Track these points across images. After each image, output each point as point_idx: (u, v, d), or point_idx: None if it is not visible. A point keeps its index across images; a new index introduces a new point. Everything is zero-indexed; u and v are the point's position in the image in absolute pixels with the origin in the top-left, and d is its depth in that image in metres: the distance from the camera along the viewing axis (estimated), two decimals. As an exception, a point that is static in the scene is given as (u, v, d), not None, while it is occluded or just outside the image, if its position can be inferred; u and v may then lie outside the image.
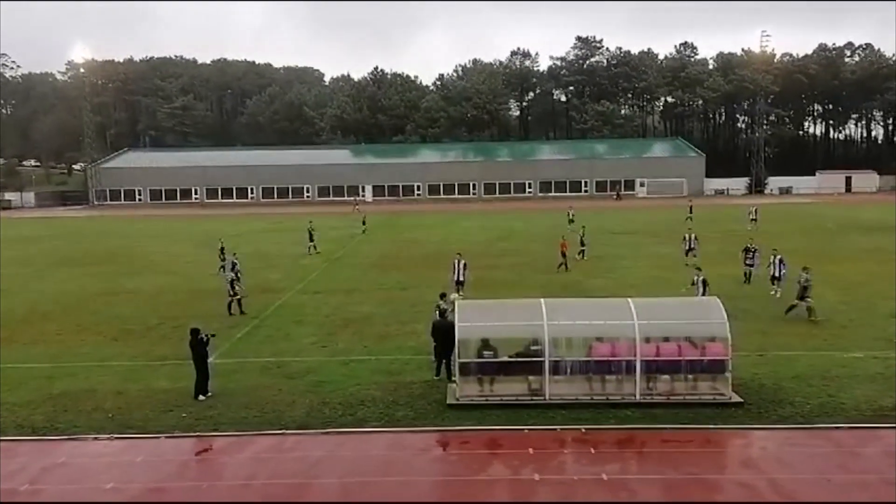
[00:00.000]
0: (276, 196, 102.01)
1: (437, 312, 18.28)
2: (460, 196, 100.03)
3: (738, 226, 50.59)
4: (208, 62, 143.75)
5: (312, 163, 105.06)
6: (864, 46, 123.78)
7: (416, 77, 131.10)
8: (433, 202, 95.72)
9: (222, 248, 36.57)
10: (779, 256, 27.25)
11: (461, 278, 27.51)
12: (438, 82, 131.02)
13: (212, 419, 15.21)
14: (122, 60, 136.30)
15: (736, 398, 15.46)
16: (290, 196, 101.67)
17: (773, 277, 27.22)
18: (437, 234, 53.30)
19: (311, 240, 42.63)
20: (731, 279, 29.67)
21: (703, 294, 22.17)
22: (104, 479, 12.58)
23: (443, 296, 20.04)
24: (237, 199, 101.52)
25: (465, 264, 27.88)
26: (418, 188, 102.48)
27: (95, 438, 14.46)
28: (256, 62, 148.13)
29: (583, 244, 37.01)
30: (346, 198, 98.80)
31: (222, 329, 21.58)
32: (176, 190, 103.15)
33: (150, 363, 19.54)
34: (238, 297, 25.68)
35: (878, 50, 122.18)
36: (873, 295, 26.40)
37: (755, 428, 14.40)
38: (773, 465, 12.74)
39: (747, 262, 30.13)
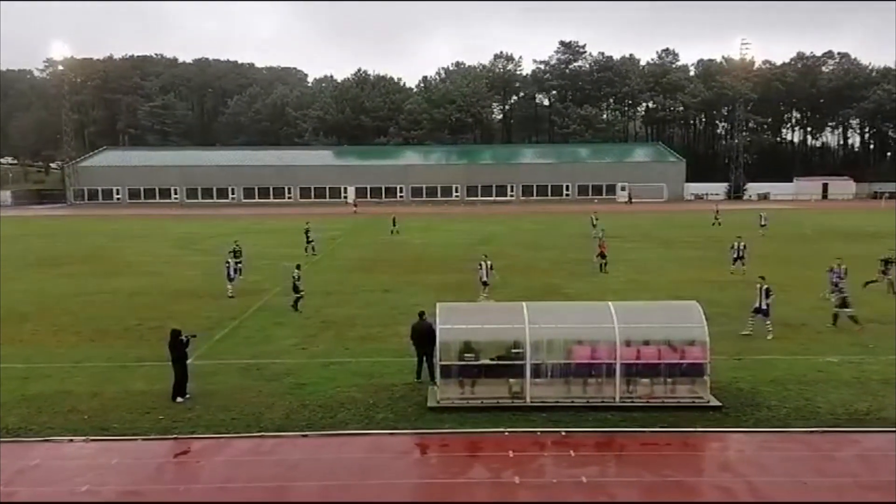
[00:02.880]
0: (256, 197, 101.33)
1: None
2: (443, 199, 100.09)
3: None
4: (189, 61, 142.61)
5: (294, 164, 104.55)
6: (842, 55, 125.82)
7: (399, 79, 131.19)
8: (416, 205, 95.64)
9: (237, 251, 34.51)
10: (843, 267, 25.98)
11: (486, 279, 28.13)
12: (422, 85, 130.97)
13: (190, 421, 15.06)
14: (101, 58, 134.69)
15: (714, 402, 15.61)
16: (272, 197, 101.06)
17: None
18: (419, 236, 53.22)
19: (309, 241, 42.51)
20: (711, 284, 30.01)
21: (766, 301, 21.39)
22: (79, 482, 12.41)
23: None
24: (217, 199, 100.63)
25: (490, 265, 28.48)
26: (401, 190, 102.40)
27: (70, 440, 14.26)
28: (239, 62, 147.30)
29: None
30: (327, 199, 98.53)
31: (201, 330, 21.37)
32: (155, 189, 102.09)
33: (128, 364, 19.30)
34: (301, 295, 26.08)
35: (855, 59, 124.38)
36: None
37: (733, 431, 14.55)
38: (750, 468, 12.87)
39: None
